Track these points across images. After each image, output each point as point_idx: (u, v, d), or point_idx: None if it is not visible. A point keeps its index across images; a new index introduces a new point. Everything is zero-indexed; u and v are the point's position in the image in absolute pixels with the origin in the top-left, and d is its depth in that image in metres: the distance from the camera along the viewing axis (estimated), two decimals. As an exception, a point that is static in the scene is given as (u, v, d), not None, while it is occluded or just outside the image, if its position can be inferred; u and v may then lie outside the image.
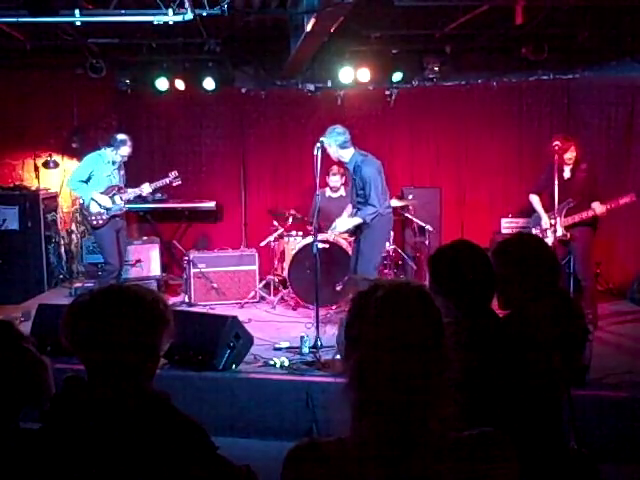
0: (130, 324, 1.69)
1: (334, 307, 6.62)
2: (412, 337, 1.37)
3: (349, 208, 6.44)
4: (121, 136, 6.76)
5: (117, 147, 6.68)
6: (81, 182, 6.69)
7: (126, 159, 6.86)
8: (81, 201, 6.94)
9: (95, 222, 6.70)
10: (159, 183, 7.12)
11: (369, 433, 1.36)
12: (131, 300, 1.72)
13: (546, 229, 6.19)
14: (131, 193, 6.89)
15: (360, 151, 5.92)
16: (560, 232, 6.06)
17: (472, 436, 1.41)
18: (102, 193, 6.70)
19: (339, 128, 5.89)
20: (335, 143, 5.81)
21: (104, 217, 6.68)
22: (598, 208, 5.99)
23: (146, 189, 6.99)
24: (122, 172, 6.94)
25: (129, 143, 6.74)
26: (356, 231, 6.01)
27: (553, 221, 6.00)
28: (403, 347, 1.36)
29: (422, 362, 1.37)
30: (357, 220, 5.87)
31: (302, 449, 1.43)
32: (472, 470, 1.36)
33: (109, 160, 6.73)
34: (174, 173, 7.19)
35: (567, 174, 6.18)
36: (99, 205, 6.67)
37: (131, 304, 1.72)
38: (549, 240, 6.09)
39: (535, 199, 6.41)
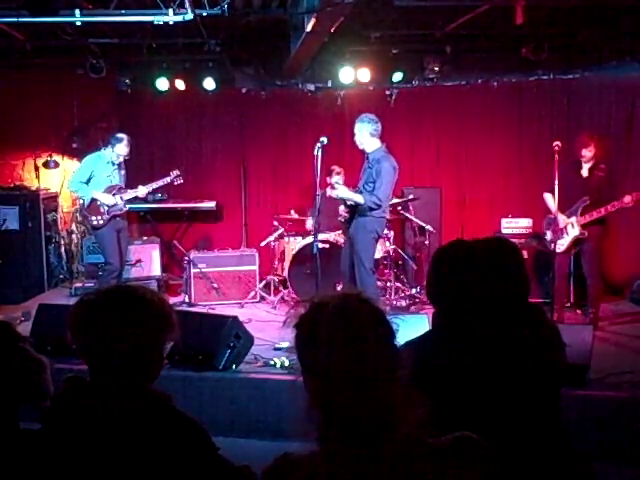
0: (136, 325, 1.70)
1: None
2: (364, 350, 1.37)
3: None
4: (119, 135, 6.76)
5: (113, 145, 6.65)
6: (81, 183, 6.68)
7: (126, 158, 6.82)
8: (81, 201, 6.92)
9: (96, 222, 6.67)
10: (159, 183, 7.10)
11: (336, 447, 1.36)
12: (138, 301, 1.73)
13: (563, 228, 6.14)
14: (130, 194, 6.86)
15: (386, 148, 5.92)
16: (577, 231, 6.03)
17: (447, 441, 1.41)
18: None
19: (372, 116, 5.88)
20: (367, 129, 5.80)
21: (105, 217, 6.67)
22: (626, 199, 5.88)
23: (142, 191, 6.93)
24: (123, 172, 6.92)
25: (126, 142, 6.71)
26: (350, 222, 5.97)
27: (571, 219, 5.99)
28: (357, 361, 1.36)
29: (378, 371, 1.37)
30: (359, 197, 5.77)
31: (276, 467, 1.42)
32: (448, 475, 1.36)
33: (109, 160, 6.72)
34: (175, 172, 7.17)
35: (585, 172, 6.13)
36: (102, 204, 6.64)
37: (138, 305, 1.72)
38: (566, 240, 6.07)
39: (549, 198, 6.18)
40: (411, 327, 1.62)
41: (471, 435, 1.43)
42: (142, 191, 6.94)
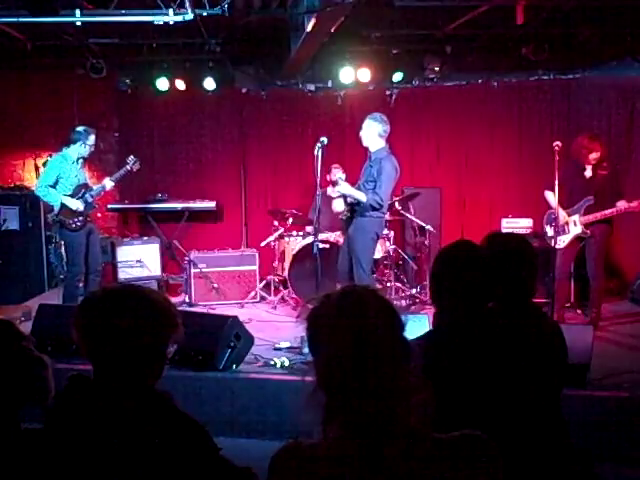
0: (141, 324, 1.70)
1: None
2: (369, 334, 1.38)
3: None
4: (81, 128, 6.61)
5: (85, 138, 6.51)
6: (49, 187, 6.47)
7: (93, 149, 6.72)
8: (52, 207, 6.62)
9: (74, 225, 6.49)
10: (121, 172, 6.93)
11: (339, 435, 1.37)
12: (144, 300, 1.74)
13: (564, 225, 6.10)
14: (96, 190, 6.74)
15: (389, 149, 5.91)
16: (580, 229, 6.00)
17: (454, 438, 1.41)
18: (71, 195, 6.52)
19: (385, 117, 5.89)
20: (376, 129, 5.80)
21: (80, 219, 6.51)
22: (633, 203, 5.85)
23: (108, 184, 6.82)
24: (85, 169, 6.84)
25: (91, 131, 6.61)
26: (350, 222, 5.97)
27: (573, 217, 5.96)
28: (361, 344, 1.37)
29: (383, 358, 1.38)
30: (360, 195, 5.75)
31: (285, 453, 1.44)
32: (451, 471, 1.36)
33: (74, 159, 6.57)
34: (131, 158, 6.98)
35: (588, 172, 6.10)
36: (72, 209, 6.47)
37: (144, 304, 1.73)
38: (567, 237, 6.05)
39: (551, 195, 6.18)
40: (411, 327, 1.62)
41: (478, 433, 1.43)
42: (109, 184, 6.82)
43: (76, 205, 6.51)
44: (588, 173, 6.12)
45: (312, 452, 1.40)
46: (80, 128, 6.63)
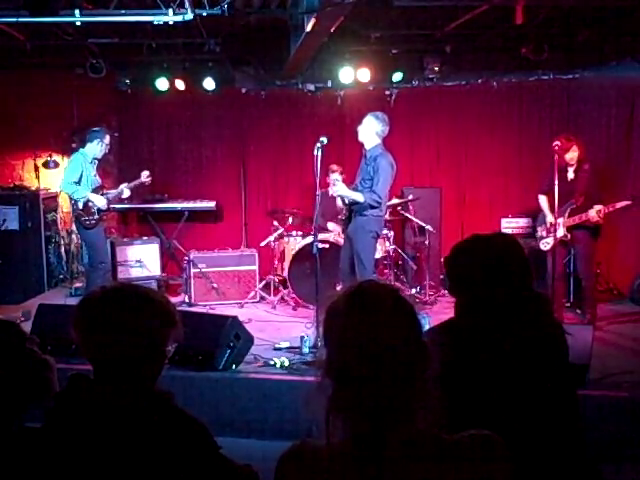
0: (141, 322, 1.70)
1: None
2: (379, 331, 1.37)
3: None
4: (98, 128, 6.75)
5: (101, 138, 6.60)
6: (75, 184, 6.53)
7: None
8: (74, 203, 6.61)
9: (88, 223, 6.57)
10: (135, 183, 7.04)
11: (342, 433, 1.37)
12: (143, 299, 1.74)
13: (549, 227, 6.15)
14: (112, 193, 6.83)
15: (384, 146, 5.91)
16: (561, 232, 6.03)
17: (461, 439, 1.40)
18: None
19: (386, 117, 5.89)
20: (375, 127, 5.81)
21: (95, 217, 6.59)
22: (592, 214, 5.93)
23: (126, 191, 6.93)
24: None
25: (107, 131, 6.76)
26: (348, 222, 5.97)
27: (558, 220, 5.98)
28: (369, 340, 1.36)
29: (392, 357, 1.36)
30: (358, 196, 5.76)
31: (291, 454, 1.44)
32: (458, 472, 1.35)
33: (92, 159, 6.65)
34: (145, 173, 7.09)
35: (571, 175, 6.15)
36: (94, 205, 6.57)
37: (143, 303, 1.73)
38: (551, 239, 6.07)
39: (543, 199, 6.35)
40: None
41: (486, 433, 1.42)
42: (126, 192, 6.95)
43: (102, 202, 6.61)
44: (570, 175, 6.16)
45: (317, 453, 1.40)
46: (96, 128, 6.74)
